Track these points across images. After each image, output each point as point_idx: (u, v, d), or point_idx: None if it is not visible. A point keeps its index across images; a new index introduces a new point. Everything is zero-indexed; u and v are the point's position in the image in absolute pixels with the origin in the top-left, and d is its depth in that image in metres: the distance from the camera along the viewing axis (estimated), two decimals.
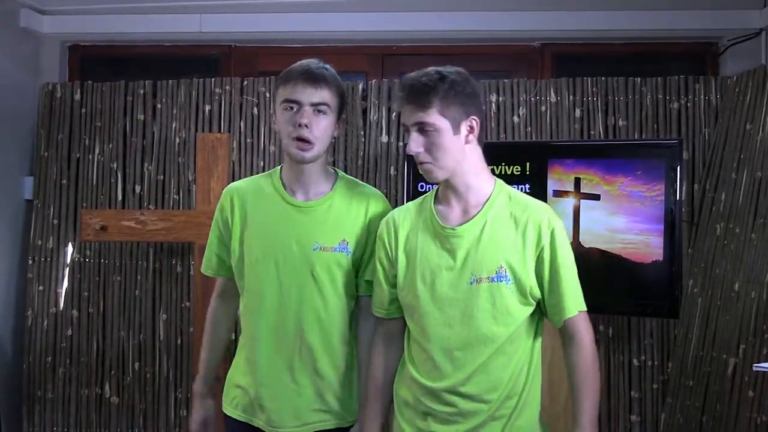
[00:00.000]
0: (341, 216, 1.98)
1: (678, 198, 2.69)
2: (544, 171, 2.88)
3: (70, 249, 3.54)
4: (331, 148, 3.47)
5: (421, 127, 1.78)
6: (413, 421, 1.87)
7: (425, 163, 1.81)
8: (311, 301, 1.95)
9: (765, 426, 2.69)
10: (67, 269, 3.54)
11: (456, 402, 1.81)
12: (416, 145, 1.79)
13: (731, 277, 2.98)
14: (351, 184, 2.04)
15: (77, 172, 3.58)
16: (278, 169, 2.05)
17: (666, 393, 3.24)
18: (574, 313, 1.82)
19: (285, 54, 3.75)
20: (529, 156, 2.93)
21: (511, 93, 3.41)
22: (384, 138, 3.46)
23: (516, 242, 1.81)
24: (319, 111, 1.90)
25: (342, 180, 2.03)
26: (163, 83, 3.58)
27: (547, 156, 2.90)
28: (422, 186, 3.06)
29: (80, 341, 3.51)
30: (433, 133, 1.77)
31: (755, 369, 2.26)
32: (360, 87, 3.49)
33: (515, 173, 2.91)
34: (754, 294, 2.84)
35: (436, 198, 1.91)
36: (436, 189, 1.94)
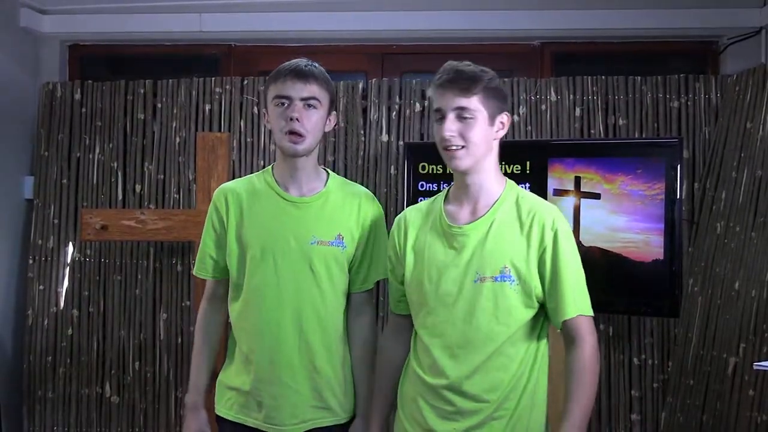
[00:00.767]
0: (336, 211, 2.00)
1: (678, 197, 2.69)
2: (545, 170, 2.88)
3: (71, 248, 3.54)
4: (331, 148, 3.48)
5: (461, 113, 1.79)
6: (414, 417, 1.88)
7: (456, 149, 1.80)
8: (309, 296, 1.96)
9: (765, 425, 2.69)
10: (68, 269, 3.54)
11: (455, 400, 1.82)
12: (452, 129, 1.79)
13: (731, 276, 2.98)
14: (343, 182, 2.09)
15: (77, 172, 3.58)
16: (270, 168, 2.08)
17: (666, 392, 3.24)
18: (572, 316, 1.80)
19: (285, 53, 3.72)
20: (530, 155, 2.93)
21: (511, 92, 3.41)
22: (384, 137, 3.46)
23: (521, 243, 1.82)
24: (309, 105, 1.94)
25: (334, 179, 2.07)
26: (164, 83, 3.58)
27: (548, 155, 2.91)
28: (422, 185, 3.06)
29: (80, 340, 3.51)
30: (471, 120, 1.79)
31: (755, 368, 2.26)
32: (360, 86, 3.49)
33: (515, 172, 2.91)
34: (755, 293, 2.84)
35: (447, 198, 1.93)
36: (447, 189, 1.95)
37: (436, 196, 1.98)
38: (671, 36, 3.57)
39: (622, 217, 2.75)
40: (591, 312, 1.84)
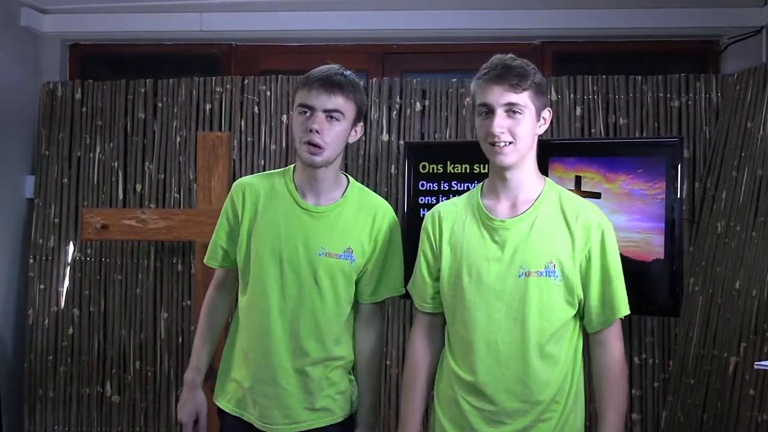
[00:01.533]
0: (349, 224, 1.99)
1: (679, 196, 2.69)
2: (545, 169, 2.87)
3: (71, 248, 3.54)
4: None
5: (511, 108, 1.78)
6: (456, 421, 1.84)
7: (504, 145, 1.78)
8: (310, 305, 1.96)
9: (766, 424, 2.69)
10: (68, 268, 3.54)
11: (502, 401, 1.79)
12: (502, 125, 1.77)
13: (732, 276, 2.98)
14: (361, 193, 2.06)
15: (78, 171, 3.58)
16: (291, 169, 2.05)
17: (667, 391, 3.24)
18: (624, 313, 1.82)
19: (286, 53, 3.76)
20: None
21: None
22: (385, 137, 3.46)
23: (565, 240, 1.81)
24: (332, 117, 1.91)
25: (353, 188, 2.05)
26: (164, 82, 3.58)
27: (548, 154, 2.90)
28: (423, 185, 3.06)
29: (81, 340, 3.51)
30: (520, 116, 1.78)
31: (756, 367, 2.26)
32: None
33: None
34: (755, 292, 2.84)
35: (482, 193, 1.91)
36: (481, 185, 1.93)
37: (470, 192, 1.95)
38: (672, 35, 3.56)
39: (623, 217, 2.75)
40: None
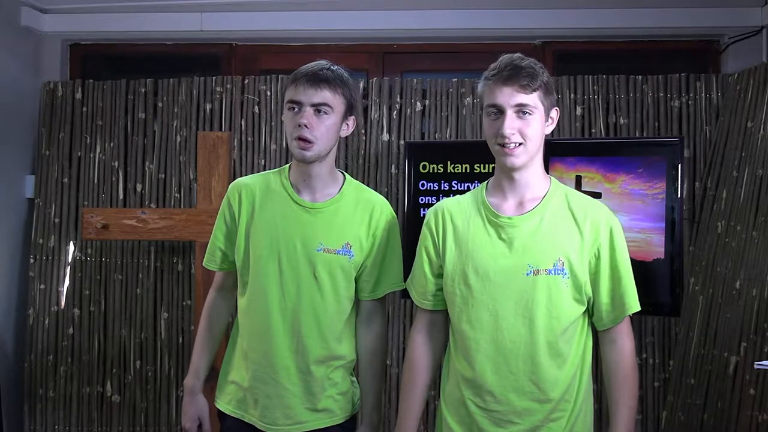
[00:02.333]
0: (347, 219, 1.99)
1: (679, 196, 2.69)
2: (546, 169, 2.87)
3: (72, 247, 3.55)
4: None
5: (521, 109, 1.76)
6: (464, 422, 1.83)
7: (515, 146, 1.77)
8: (310, 302, 1.95)
9: (766, 424, 2.69)
10: (69, 268, 3.54)
11: (510, 400, 1.78)
12: (513, 126, 1.76)
13: (732, 275, 2.98)
14: (358, 189, 2.06)
15: (78, 171, 3.58)
16: (287, 168, 2.06)
17: (667, 391, 3.24)
18: (635, 310, 1.82)
19: (286, 52, 3.76)
20: None
21: None
22: (385, 136, 3.46)
23: (574, 237, 1.80)
24: (320, 111, 1.91)
25: (350, 184, 2.04)
26: (164, 82, 3.58)
27: (549, 154, 2.88)
28: (423, 185, 3.06)
29: (81, 340, 3.51)
30: (530, 117, 1.77)
31: (756, 367, 2.26)
32: (361, 85, 3.48)
33: None
34: (755, 292, 2.84)
35: (487, 191, 1.90)
36: (486, 183, 1.92)
37: (475, 190, 1.94)
38: (672, 35, 3.57)
39: (623, 217, 2.75)
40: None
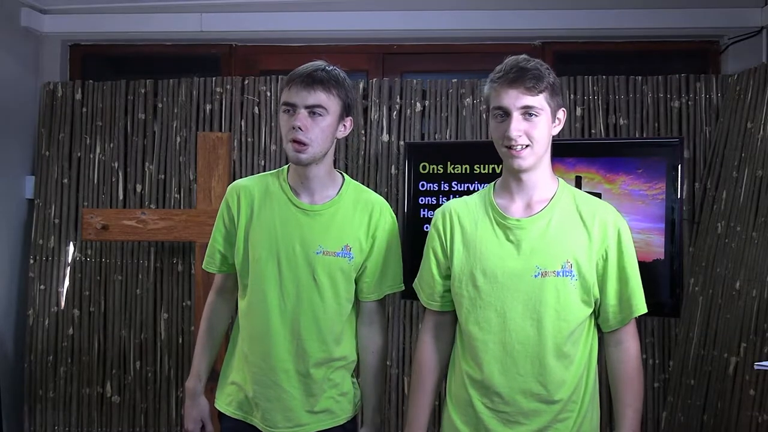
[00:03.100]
0: (346, 221, 1.98)
1: (679, 196, 2.69)
2: None
3: (71, 248, 3.54)
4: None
5: (527, 111, 1.76)
6: (471, 422, 1.83)
7: (521, 148, 1.76)
8: (310, 304, 1.95)
9: (766, 425, 2.69)
10: (68, 268, 3.54)
11: (517, 401, 1.78)
12: (519, 129, 1.75)
13: (732, 276, 2.98)
14: (357, 190, 2.05)
15: (78, 172, 3.58)
16: (285, 170, 2.05)
17: (667, 391, 3.24)
18: (642, 312, 1.82)
19: (286, 53, 3.76)
20: None
21: None
22: (385, 137, 3.46)
23: (582, 239, 1.80)
24: (315, 113, 1.90)
25: (348, 185, 2.04)
26: (164, 82, 3.58)
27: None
28: (423, 185, 3.06)
29: (81, 340, 3.51)
30: (536, 119, 1.76)
31: (756, 368, 2.26)
32: (360, 86, 3.48)
33: None
34: (755, 292, 2.84)
35: (494, 192, 1.89)
36: (493, 184, 1.92)
37: (482, 191, 1.93)
38: (672, 36, 3.57)
39: (623, 217, 2.75)
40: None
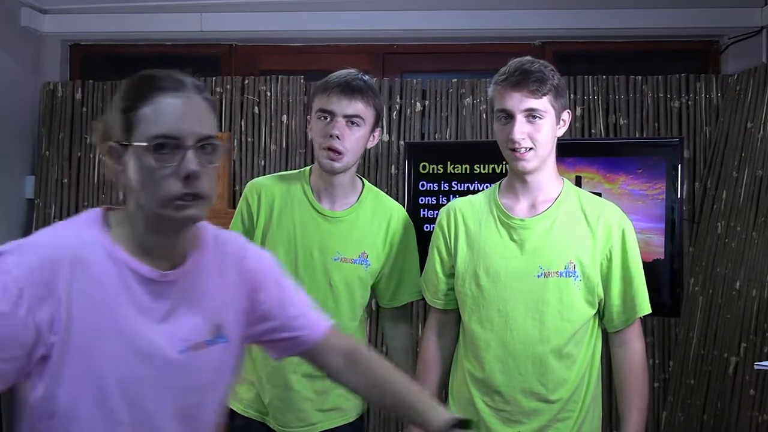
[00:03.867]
0: (365, 228, 1.99)
1: (679, 196, 2.69)
2: None
3: None
4: None
5: (531, 114, 1.75)
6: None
7: (525, 151, 1.76)
8: (323, 308, 1.93)
9: (766, 425, 2.69)
10: None
11: (518, 400, 1.78)
12: (523, 131, 1.75)
13: (732, 276, 2.98)
14: (376, 196, 2.05)
15: (78, 172, 3.58)
16: (307, 172, 2.04)
17: (667, 391, 3.24)
18: (646, 312, 1.81)
19: (286, 53, 3.75)
20: None
21: None
22: (385, 137, 3.46)
23: (586, 240, 1.79)
24: (353, 123, 1.90)
25: (368, 191, 2.04)
26: None
27: None
28: (423, 185, 3.06)
29: None
30: (540, 121, 1.76)
31: (756, 367, 2.26)
32: None
33: None
34: (755, 292, 2.84)
35: (500, 192, 1.89)
36: (499, 183, 1.91)
37: (487, 190, 1.93)
38: (672, 36, 3.56)
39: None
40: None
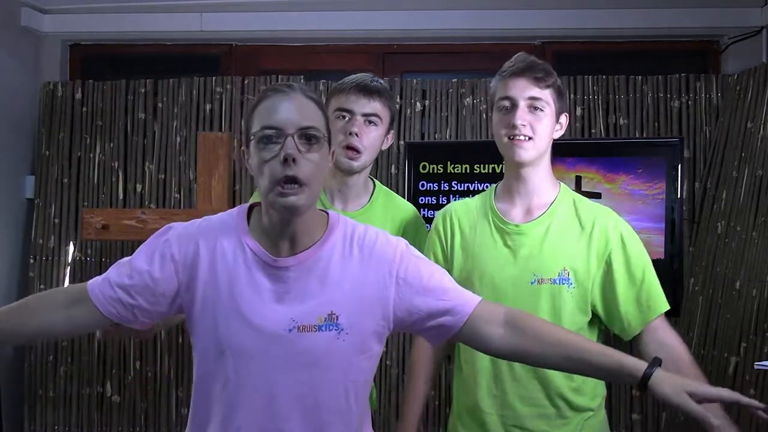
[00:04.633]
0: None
1: (679, 196, 2.70)
2: None
3: (71, 248, 3.54)
4: None
5: (533, 103, 1.76)
6: (473, 426, 1.83)
7: (524, 139, 1.76)
8: None
9: (766, 425, 2.69)
10: (68, 268, 3.54)
11: (517, 407, 1.77)
12: (524, 118, 1.75)
13: (732, 276, 2.98)
14: (387, 197, 2.06)
15: (78, 171, 3.58)
16: None
17: None
18: (664, 308, 1.77)
19: (286, 53, 3.76)
20: None
21: None
22: None
23: (581, 247, 1.78)
24: (370, 122, 1.92)
25: (379, 192, 2.04)
26: (164, 82, 3.58)
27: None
28: (423, 185, 3.06)
29: (81, 340, 3.51)
30: (541, 112, 1.77)
31: (756, 367, 2.25)
32: None
33: None
34: (755, 292, 2.84)
35: (496, 196, 1.88)
36: (495, 186, 1.91)
37: (484, 193, 1.92)
38: (672, 35, 3.57)
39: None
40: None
